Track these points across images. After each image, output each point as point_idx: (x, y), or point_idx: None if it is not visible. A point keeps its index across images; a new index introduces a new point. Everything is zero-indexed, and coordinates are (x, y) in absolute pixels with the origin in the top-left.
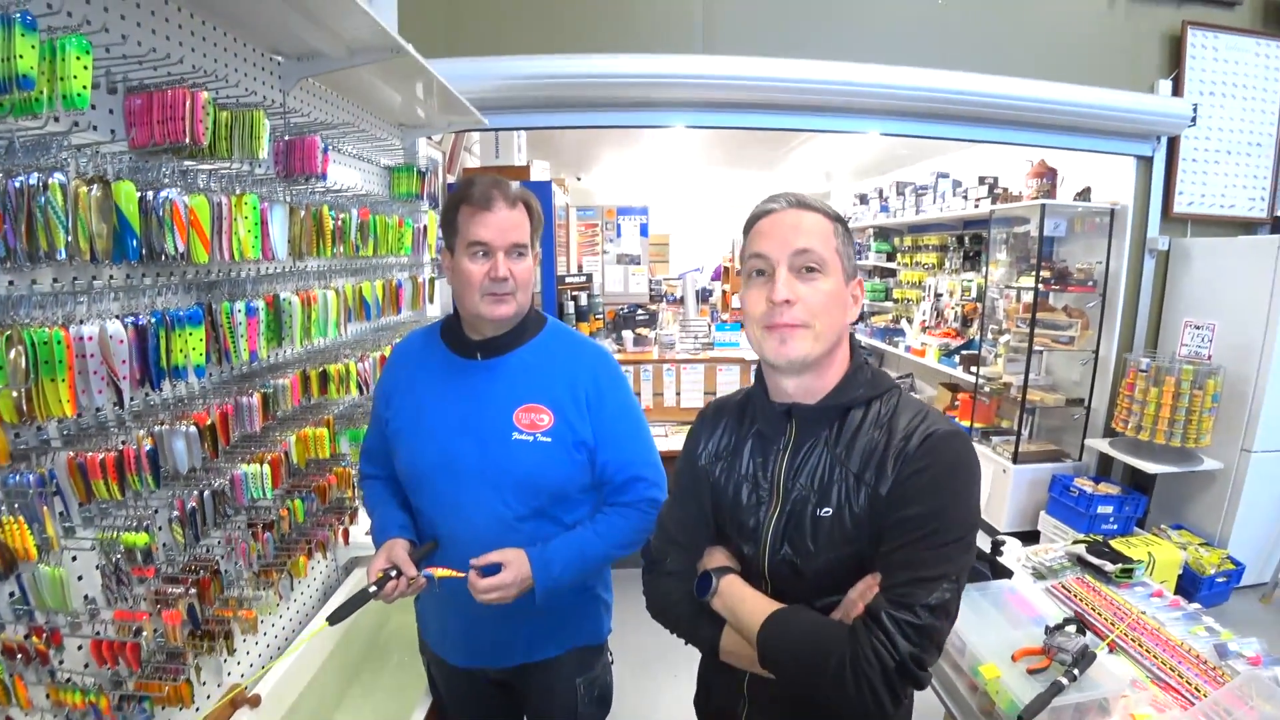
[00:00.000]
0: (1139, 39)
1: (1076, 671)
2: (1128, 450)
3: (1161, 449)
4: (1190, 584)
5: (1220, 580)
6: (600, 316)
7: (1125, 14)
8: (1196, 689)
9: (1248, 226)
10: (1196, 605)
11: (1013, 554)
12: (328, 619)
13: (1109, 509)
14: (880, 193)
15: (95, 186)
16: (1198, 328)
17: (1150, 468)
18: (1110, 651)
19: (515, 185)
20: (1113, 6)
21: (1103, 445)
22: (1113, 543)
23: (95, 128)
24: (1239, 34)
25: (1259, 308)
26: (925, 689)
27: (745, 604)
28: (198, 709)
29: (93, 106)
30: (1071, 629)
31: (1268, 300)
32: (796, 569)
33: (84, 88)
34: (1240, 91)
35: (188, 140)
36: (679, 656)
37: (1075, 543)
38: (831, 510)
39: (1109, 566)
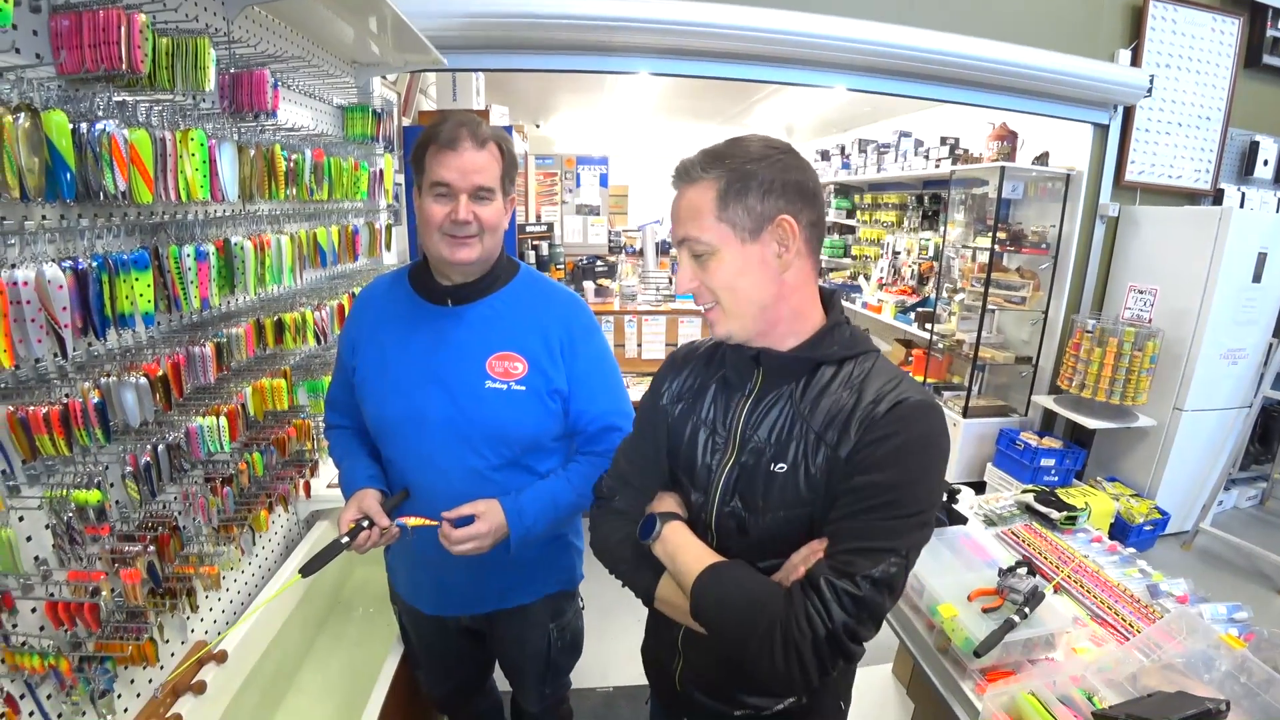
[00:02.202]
0: (1102, 8)
1: (1027, 610)
2: (1070, 407)
3: (1102, 406)
4: (1120, 532)
5: (1148, 529)
6: (561, 267)
7: None
8: (1131, 625)
9: (1192, 197)
10: (1131, 549)
11: (966, 502)
12: (300, 570)
13: (1051, 462)
14: (842, 149)
15: (22, 115)
16: (1141, 292)
17: (1091, 423)
18: (1055, 592)
19: (487, 126)
20: None
21: (1047, 401)
22: (1056, 492)
23: (18, 49)
24: (1198, 8)
25: (1198, 275)
26: (855, 662)
27: (685, 552)
28: (162, 667)
29: (14, 26)
30: (1023, 571)
31: (1206, 268)
32: (743, 524)
33: (4, 2)
34: (1194, 65)
35: (124, 68)
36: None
37: (1024, 492)
38: (786, 467)
39: (1055, 514)
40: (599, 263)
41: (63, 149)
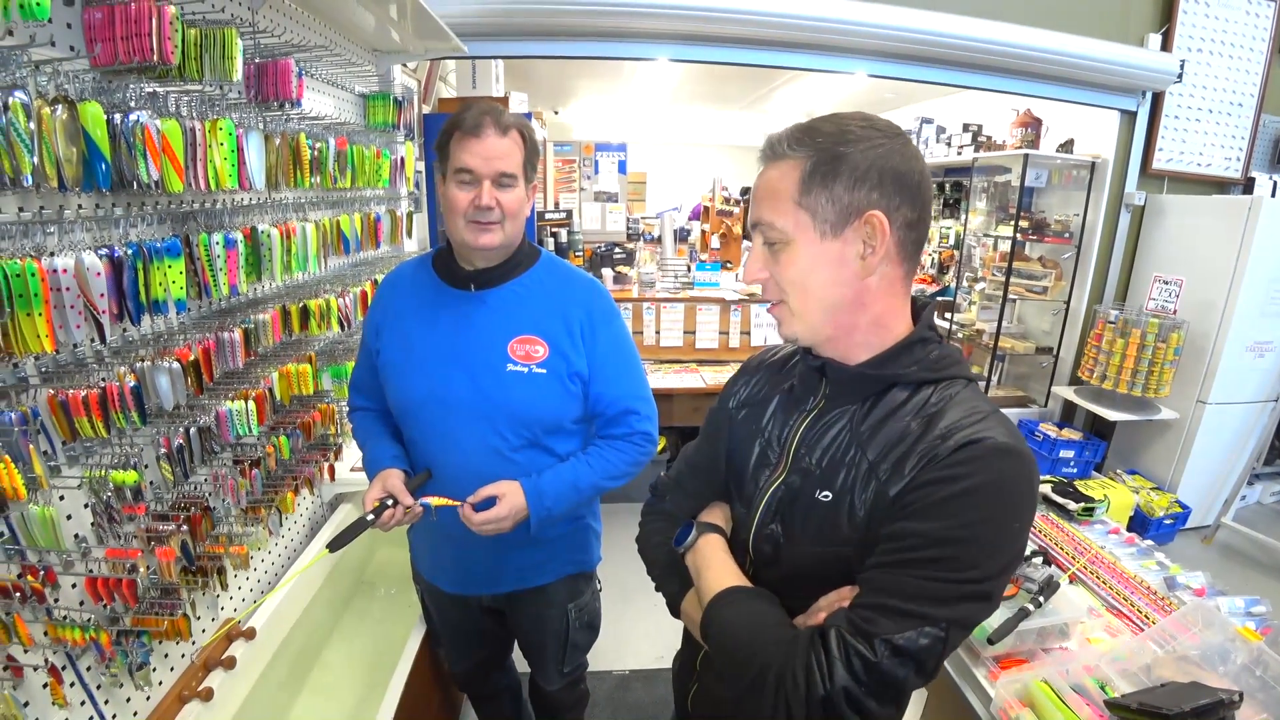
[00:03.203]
0: None
1: (1042, 599)
2: (1091, 398)
3: (1123, 398)
4: (1140, 525)
5: (1168, 523)
6: (579, 254)
7: None
8: (1146, 616)
9: (1221, 186)
10: (1149, 542)
11: None
12: (328, 546)
13: (1070, 453)
14: None
15: (60, 107)
16: (1166, 283)
17: (1112, 415)
18: (1071, 582)
19: (510, 114)
20: None
21: (1068, 393)
22: (1074, 484)
23: (54, 43)
24: None
25: (1225, 265)
26: None
27: (712, 568)
28: (194, 642)
29: (50, 20)
30: (1038, 560)
31: (1234, 259)
32: (779, 551)
33: None
34: (1227, 50)
35: (156, 59)
36: None
37: (1042, 482)
38: (831, 496)
39: (1072, 505)
40: (617, 250)
41: (98, 139)
